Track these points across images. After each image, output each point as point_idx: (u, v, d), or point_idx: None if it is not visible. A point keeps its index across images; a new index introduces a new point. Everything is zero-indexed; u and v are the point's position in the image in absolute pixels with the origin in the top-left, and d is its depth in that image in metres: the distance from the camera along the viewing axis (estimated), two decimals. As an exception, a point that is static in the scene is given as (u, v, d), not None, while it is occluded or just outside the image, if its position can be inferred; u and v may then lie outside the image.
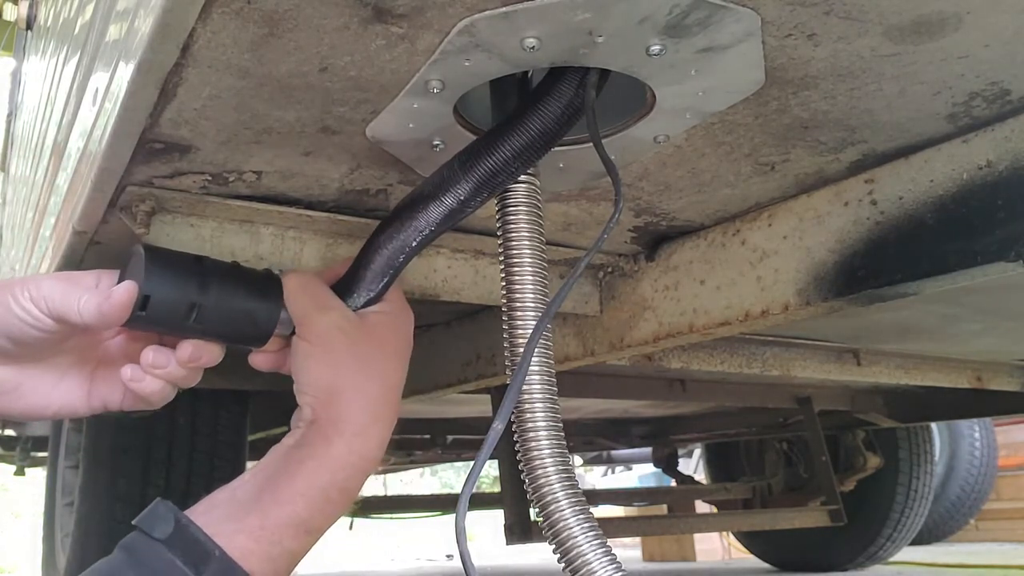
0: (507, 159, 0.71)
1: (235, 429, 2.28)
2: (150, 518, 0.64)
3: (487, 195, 0.74)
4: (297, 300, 0.74)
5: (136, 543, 0.64)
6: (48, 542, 2.72)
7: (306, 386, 0.71)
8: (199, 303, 0.70)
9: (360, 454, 0.70)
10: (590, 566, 0.67)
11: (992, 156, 0.82)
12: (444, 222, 0.74)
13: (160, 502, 0.65)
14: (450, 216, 0.74)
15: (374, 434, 0.71)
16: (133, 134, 0.74)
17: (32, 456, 4.09)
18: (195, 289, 0.70)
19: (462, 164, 0.73)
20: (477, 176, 0.72)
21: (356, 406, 0.70)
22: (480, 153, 0.72)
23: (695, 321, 1.12)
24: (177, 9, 0.56)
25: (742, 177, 0.95)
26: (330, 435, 0.69)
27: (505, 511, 2.27)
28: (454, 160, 0.74)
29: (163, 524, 0.63)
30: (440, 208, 0.73)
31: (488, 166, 0.71)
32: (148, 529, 0.63)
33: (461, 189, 0.72)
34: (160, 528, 0.63)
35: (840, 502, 2.84)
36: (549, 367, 0.73)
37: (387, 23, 0.61)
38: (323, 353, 0.71)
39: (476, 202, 0.73)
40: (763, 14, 0.62)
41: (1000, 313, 1.60)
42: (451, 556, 6.92)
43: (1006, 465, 5.65)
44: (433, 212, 0.74)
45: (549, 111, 0.70)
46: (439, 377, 1.65)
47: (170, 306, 0.69)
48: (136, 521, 0.64)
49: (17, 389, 0.72)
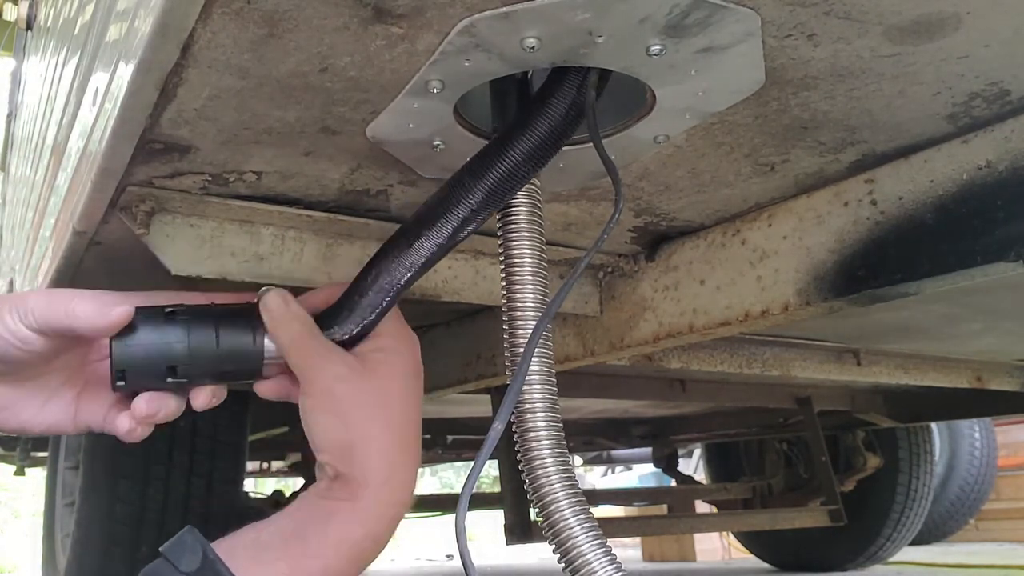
0: (517, 165, 0.70)
1: (235, 429, 2.28)
2: (178, 548, 0.63)
3: (496, 205, 0.72)
4: (292, 355, 0.70)
5: (160, 572, 0.63)
6: (48, 542, 2.72)
7: (320, 443, 0.69)
8: (176, 363, 0.69)
9: (389, 502, 0.68)
10: (590, 566, 0.67)
11: (992, 156, 0.82)
12: (454, 236, 0.72)
13: (189, 531, 0.64)
14: (460, 229, 0.71)
15: (399, 481, 0.69)
16: (133, 134, 0.74)
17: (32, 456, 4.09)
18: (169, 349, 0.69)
19: (471, 173, 0.71)
20: (488, 185, 0.70)
21: (375, 459, 0.68)
22: (489, 161, 0.71)
23: (695, 321, 1.12)
24: (177, 9, 0.56)
25: (742, 177, 0.95)
26: (356, 489, 0.67)
27: (505, 511, 2.27)
28: (463, 171, 0.72)
29: (191, 556, 0.63)
30: (452, 221, 0.71)
31: (498, 174, 0.70)
32: (175, 560, 0.63)
33: (472, 200, 0.70)
34: (187, 561, 0.62)
35: (840, 502, 2.84)
36: (549, 367, 0.73)
37: (387, 23, 0.61)
38: (329, 409, 0.69)
39: (486, 214, 0.72)
40: (763, 14, 0.62)
41: (1000, 313, 1.60)
42: (451, 556, 6.92)
43: (1006, 465, 5.65)
44: (445, 226, 0.71)
45: (553, 115, 0.69)
46: (439, 377, 1.65)
47: (148, 372, 0.69)
48: (163, 549, 0.64)
49: (9, 408, 0.72)
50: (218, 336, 0.70)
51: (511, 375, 0.71)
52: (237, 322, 0.72)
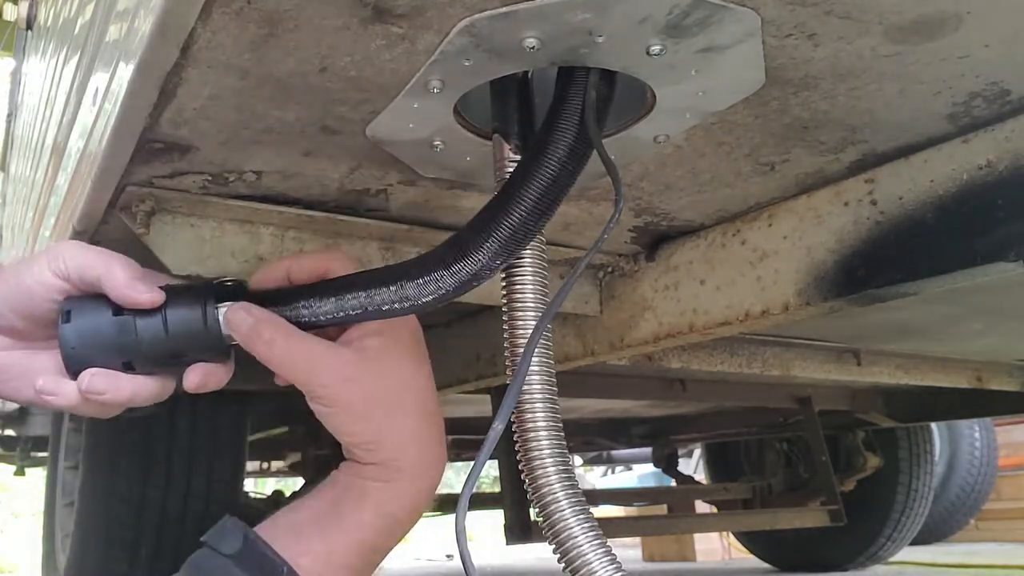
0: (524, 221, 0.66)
1: (235, 429, 2.28)
2: (218, 534, 0.64)
3: (507, 258, 0.68)
4: (283, 369, 0.67)
5: (204, 560, 0.63)
6: (48, 542, 2.72)
7: (344, 439, 0.69)
8: (130, 360, 0.68)
9: (424, 478, 0.69)
10: (590, 566, 0.67)
11: (992, 156, 0.82)
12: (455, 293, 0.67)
13: (229, 518, 0.65)
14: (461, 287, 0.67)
15: (432, 457, 0.70)
16: (133, 134, 0.74)
17: (32, 456, 4.09)
18: (120, 335, 0.67)
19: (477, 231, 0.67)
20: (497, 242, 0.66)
21: (404, 447, 0.68)
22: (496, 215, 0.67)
23: (695, 321, 1.12)
24: (177, 9, 0.56)
25: (742, 177, 0.95)
26: (388, 474, 0.68)
27: (505, 511, 2.26)
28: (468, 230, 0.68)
29: (231, 540, 0.63)
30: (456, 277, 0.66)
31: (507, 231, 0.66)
32: (216, 545, 0.63)
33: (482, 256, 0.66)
34: (228, 544, 0.63)
35: (840, 502, 2.84)
36: (549, 367, 0.73)
37: (387, 23, 0.61)
38: (343, 410, 0.67)
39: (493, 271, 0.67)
40: (763, 14, 0.62)
41: (1000, 313, 1.60)
42: (451, 556, 6.92)
43: (1006, 465, 5.65)
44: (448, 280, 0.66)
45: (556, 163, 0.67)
46: (439, 377, 1.63)
47: (98, 357, 0.67)
48: (204, 538, 0.64)
49: (25, 375, 0.72)
50: (166, 323, 0.68)
51: (511, 375, 0.71)
52: (183, 305, 0.69)
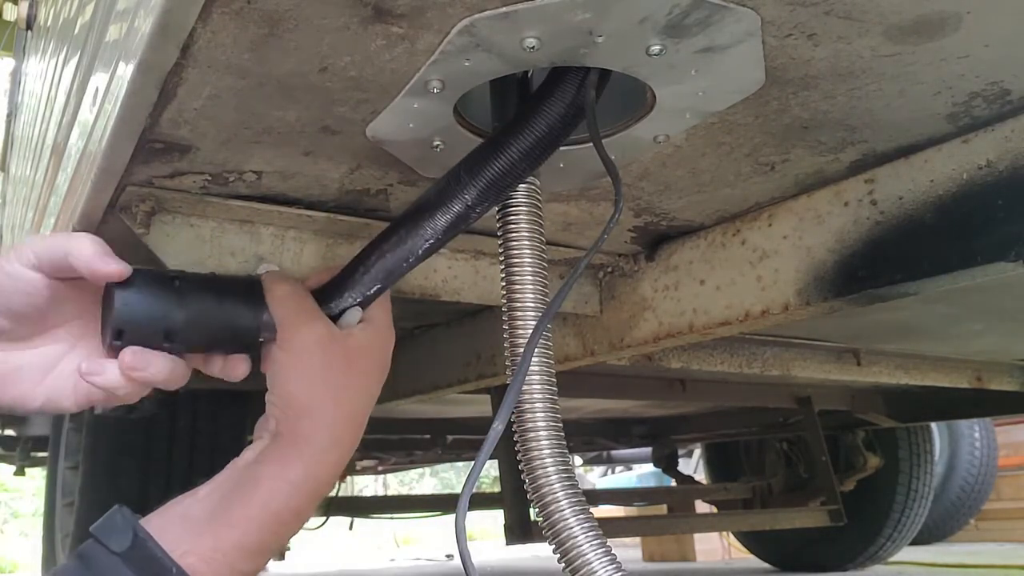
0: (513, 163, 0.70)
1: (235, 429, 2.28)
2: (107, 528, 0.63)
3: (493, 201, 0.73)
4: (282, 307, 0.73)
5: (92, 553, 0.63)
6: (48, 542, 2.72)
7: (277, 397, 0.71)
8: (173, 328, 0.70)
9: (317, 479, 0.70)
10: (590, 566, 0.67)
11: (992, 156, 0.82)
12: (450, 230, 0.73)
13: (118, 510, 0.64)
14: (455, 224, 0.73)
15: (332, 460, 0.71)
16: (133, 134, 0.74)
17: (32, 456, 4.09)
18: (168, 315, 0.70)
19: (468, 170, 0.72)
20: (484, 181, 0.71)
21: (320, 428, 0.70)
22: (486, 158, 0.71)
23: (695, 321, 1.12)
24: (177, 9, 0.56)
25: (742, 177, 0.95)
26: (290, 457, 0.69)
27: (505, 511, 2.27)
28: (459, 166, 0.73)
29: (120, 536, 0.63)
30: (447, 215, 0.72)
31: (495, 170, 0.71)
32: (104, 540, 0.63)
33: (468, 195, 0.71)
34: (117, 540, 0.63)
35: (840, 502, 2.84)
36: (549, 367, 0.73)
37: (387, 23, 0.61)
38: (299, 367, 0.71)
39: (482, 209, 0.73)
40: (763, 14, 0.62)
41: (1000, 313, 1.60)
42: (451, 556, 6.92)
43: (1006, 465, 5.64)
44: (440, 219, 0.73)
45: (552, 113, 0.70)
46: (439, 377, 1.65)
47: (145, 335, 0.69)
48: (93, 529, 0.63)
49: (9, 375, 0.72)
50: (220, 306, 0.72)
51: (511, 375, 0.71)
52: (241, 296, 0.74)
